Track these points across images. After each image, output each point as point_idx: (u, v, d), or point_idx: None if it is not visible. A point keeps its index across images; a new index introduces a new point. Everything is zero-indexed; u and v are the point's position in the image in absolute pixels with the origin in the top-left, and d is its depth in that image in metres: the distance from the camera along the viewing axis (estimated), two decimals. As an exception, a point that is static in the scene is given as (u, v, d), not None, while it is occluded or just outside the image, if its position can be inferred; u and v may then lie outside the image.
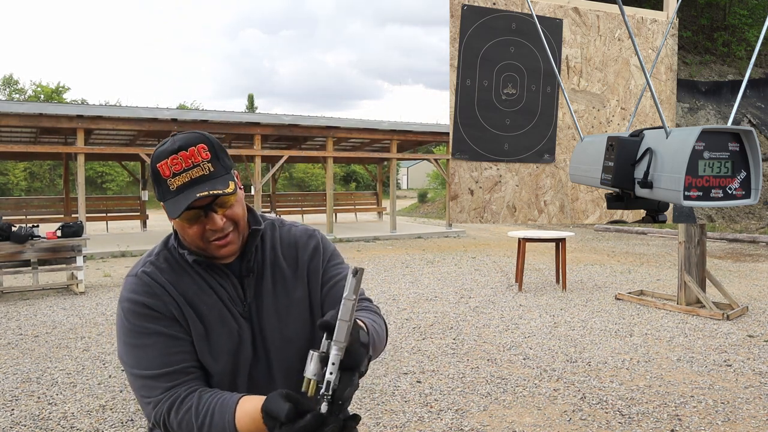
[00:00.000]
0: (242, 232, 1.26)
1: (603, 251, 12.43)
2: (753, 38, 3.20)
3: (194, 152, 1.17)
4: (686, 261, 6.61)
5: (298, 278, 1.34)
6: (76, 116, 12.01)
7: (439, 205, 26.25)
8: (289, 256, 1.35)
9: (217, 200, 1.18)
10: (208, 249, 1.23)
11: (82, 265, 7.79)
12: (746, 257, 11.39)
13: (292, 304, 1.32)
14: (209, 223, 1.19)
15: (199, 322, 1.25)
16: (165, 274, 1.27)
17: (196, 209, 1.17)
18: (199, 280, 1.27)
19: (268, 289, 1.31)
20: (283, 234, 1.38)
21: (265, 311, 1.29)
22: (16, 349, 5.27)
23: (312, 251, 1.37)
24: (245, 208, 1.29)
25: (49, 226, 12.32)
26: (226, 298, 1.28)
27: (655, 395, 4.09)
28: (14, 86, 35.41)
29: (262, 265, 1.32)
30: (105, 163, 31.51)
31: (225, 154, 1.24)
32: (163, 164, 1.17)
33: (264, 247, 1.33)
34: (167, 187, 1.17)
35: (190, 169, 1.16)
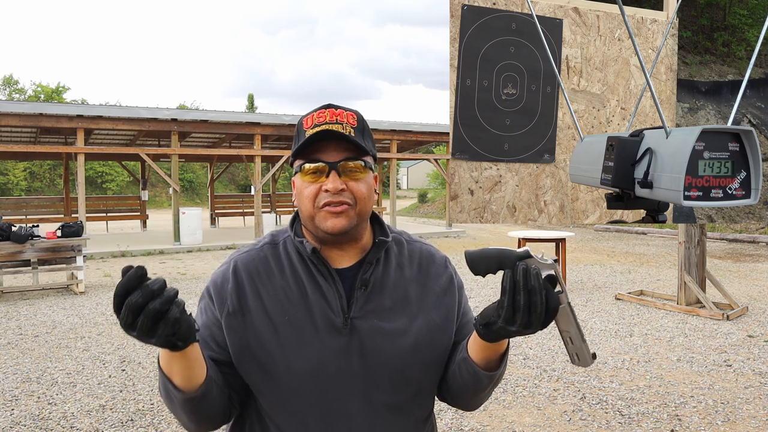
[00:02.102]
0: (361, 217, 1.10)
1: (603, 251, 12.43)
2: (753, 38, 3.19)
3: (343, 114, 1.09)
4: (686, 261, 6.61)
5: (422, 307, 1.15)
6: (76, 116, 12.01)
7: (439, 205, 26.25)
8: (416, 279, 1.18)
9: (345, 165, 1.07)
10: (317, 218, 1.08)
11: (82, 265, 7.79)
12: (746, 257, 11.39)
13: (410, 333, 1.12)
14: (327, 183, 1.06)
15: (267, 319, 1.09)
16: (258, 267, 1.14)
17: (321, 163, 1.07)
18: (296, 279, 1.12)
19: (384, 309, 1.12)
20: (412, 252, 1.22)
21: (372, 333, 1.09)
22: (16, 349, 5.27)
23: (446, 284, 1.20)
24: (373, 205, 1.15)
25: (49, 226, 12.34)
26: (322, 305, 1.09)
27: (655, 395, 4.09)
28: (14, 86, 35.42)
29: (381, 281, 1.14)
30: (105, 163, 31.51)
31: (371, 139, 1.15)
32: (309, 117, 1.11)
33: (388, 262, 1.17)
34: (304, 136, 1.08)
35: (332, 123, 1.07)
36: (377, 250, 1.14)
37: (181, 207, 13.79)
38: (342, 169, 1.07)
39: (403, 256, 1.20)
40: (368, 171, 1.10)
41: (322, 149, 1.08)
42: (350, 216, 1.08)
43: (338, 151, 1.08)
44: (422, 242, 1.26)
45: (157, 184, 32.46)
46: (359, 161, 1.09)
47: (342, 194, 1.06)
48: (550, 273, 0.94)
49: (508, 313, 0.92)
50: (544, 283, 0.92)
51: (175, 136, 13.32)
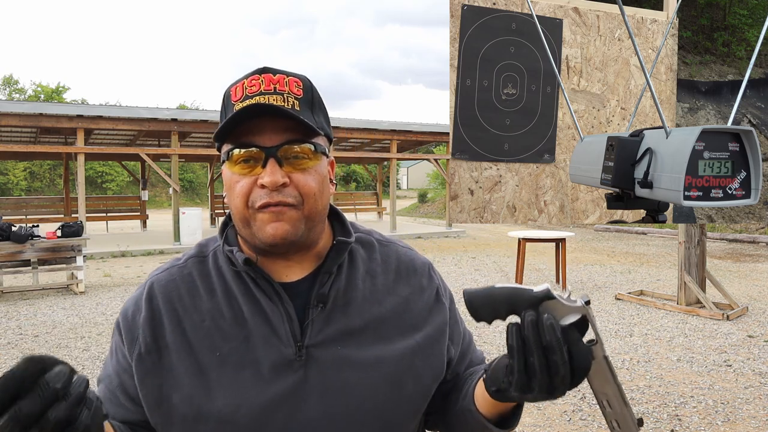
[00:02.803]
0: (311, 219, 0.84)
1: (603, 251, 12.43)
2: (753, 38, 3.20)
3: (283, 80, 0.82)
4: (686, 261, 6.61)
5: (402, 327, 0.89)
6: (76, 116, 12.02)
7: (439, 205, 26.26)
8: (393, 290, 0.91)
9: (288, 150, 0.80)
10: (252, 223, 0.82)
11: (82, 264, 7.79)
12: (746, 257, 11.39)
13: (388, 362, 0.85)
14: (263, 175, 0.79)
15: (190, 357, 0.83)
16: (180, 289, 0.88)
17: (255, 148, 0.80)
18: (229, 301, 0.86)
19: (350, 331, 0.85)
20: (386, 256, 0.95)
21: (336, 365, 0.83)
22: (16, 349, 5.27)
23: (433, 298, 0.94)
24: (328, 201, 0.89)
25: (49, 226, 12.33)
26: (265, 333, 0.83)
27: (655, 395, 4.09)
28: (14, 86, 35.44)
29: (345, 295, 0.87)
30: (105, 163, 31.52)
31: (324, 113, 0.89)
32: (238, 86, 0.83)
33: (354, 270, 0.90)
34: (231, 112, 0.82)
35: (268, 94, 0.81)
36: (336, 255, 0.87)
37: (181, 207, 13.80)
38: (283, 155, 0.80)
39: (374, 262, 0.93)
40: (320, 157, 0.84)
41: (256, 130, 0.80)
42: (295, 220, 0.81)
43: (277, 132, 0.80)
44: (398, 243, 1.00)
45: (157, 184, 32.46)
46: (307, 144, 0.81)
47: (283, 191, 0.80)
48: (579, 317, 0.72)
49: (521, 380, 0.70)
50: (569, 335, 0.70)
51: (175, 136, 13.32)
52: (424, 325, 0.91)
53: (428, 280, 0.96)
